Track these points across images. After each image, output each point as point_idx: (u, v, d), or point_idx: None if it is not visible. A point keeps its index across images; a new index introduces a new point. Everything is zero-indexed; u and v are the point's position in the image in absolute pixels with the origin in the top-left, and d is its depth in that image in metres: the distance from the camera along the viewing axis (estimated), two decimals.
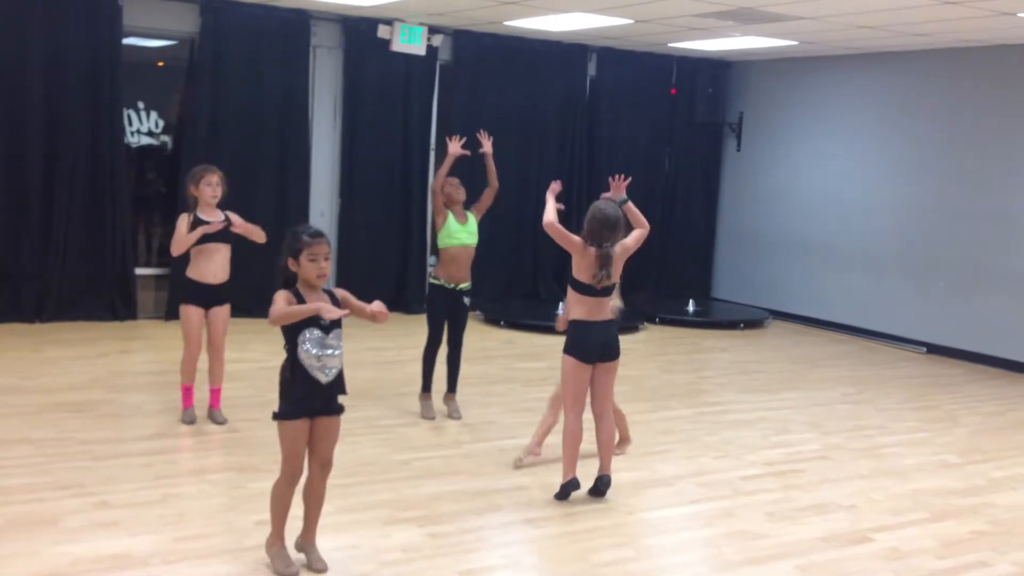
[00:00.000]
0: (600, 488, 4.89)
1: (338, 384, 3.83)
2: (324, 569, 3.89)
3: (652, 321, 10.00)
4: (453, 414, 6.19)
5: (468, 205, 6.14)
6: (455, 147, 6.04)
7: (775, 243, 10.96)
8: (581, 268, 4.78)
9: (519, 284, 10.59)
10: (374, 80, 9.48)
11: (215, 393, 5.80)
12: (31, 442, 5.24)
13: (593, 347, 4.78)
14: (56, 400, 6.05)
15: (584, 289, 4.78)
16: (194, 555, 3.98)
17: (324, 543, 4.03)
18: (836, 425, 6.61)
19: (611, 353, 4.83)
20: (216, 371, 5.77)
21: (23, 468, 4.85)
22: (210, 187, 5.56)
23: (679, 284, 11.38)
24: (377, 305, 3.79)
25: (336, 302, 3.77)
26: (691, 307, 10.48)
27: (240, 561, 3.95)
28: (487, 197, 6.18)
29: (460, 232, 6.03)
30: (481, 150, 6.09)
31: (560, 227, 4.81)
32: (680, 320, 10.16)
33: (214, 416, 5.75)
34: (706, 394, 7.36)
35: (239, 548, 4.07)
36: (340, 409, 3.89)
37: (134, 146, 8.94)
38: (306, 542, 3.98)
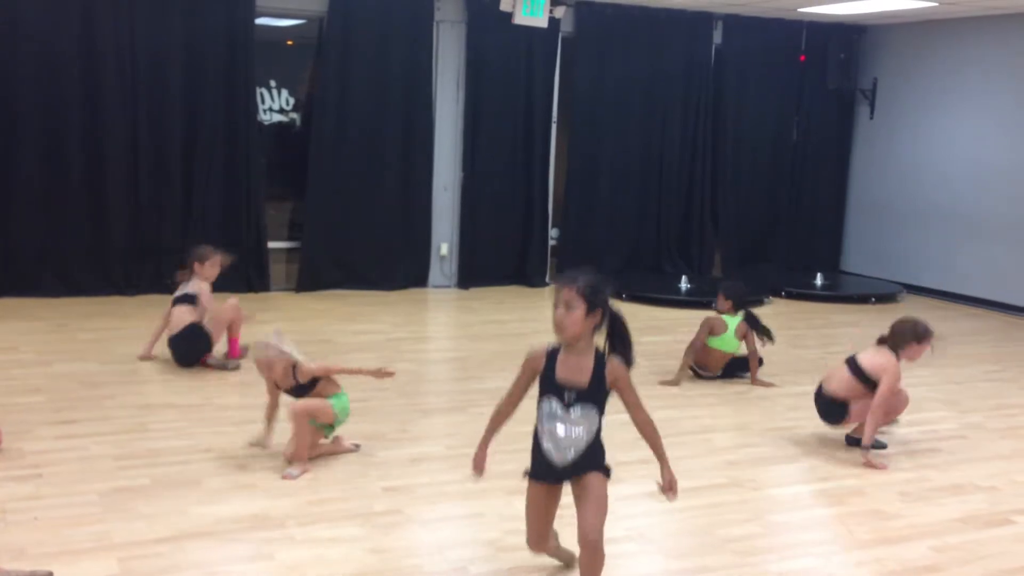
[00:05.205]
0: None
1: (580, 465, 3.38)
2: None
3: (778, 295, 9.76)
4: None
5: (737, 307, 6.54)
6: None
7: (909, 214, 10.52)
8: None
9: (641, 257, 10.49)
10: (496, 54, 9.50)
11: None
12: (175, 407, 5.53)
13: None
14: (196, 367, 6.34)
15: None
16: (327, 517, 4.13)
17: (451, 510, 4.13)
18: (975, 404, 6.34)
19: None
20: None
21: (168, 431, 5.12)
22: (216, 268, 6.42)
23: (807, 257, 11.07)
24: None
25: (601, 373, 3.33)
26: (819, 280, 10.18)
27: (370, 524, 4.08)
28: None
29: (717, 342, 6.55)
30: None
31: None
32: (808, 294, 9.87)
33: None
34: None
35: (369, 512, 4.20)
36: (597, 467, 3.37)
37: (266, 123, 9.24)
38: None
